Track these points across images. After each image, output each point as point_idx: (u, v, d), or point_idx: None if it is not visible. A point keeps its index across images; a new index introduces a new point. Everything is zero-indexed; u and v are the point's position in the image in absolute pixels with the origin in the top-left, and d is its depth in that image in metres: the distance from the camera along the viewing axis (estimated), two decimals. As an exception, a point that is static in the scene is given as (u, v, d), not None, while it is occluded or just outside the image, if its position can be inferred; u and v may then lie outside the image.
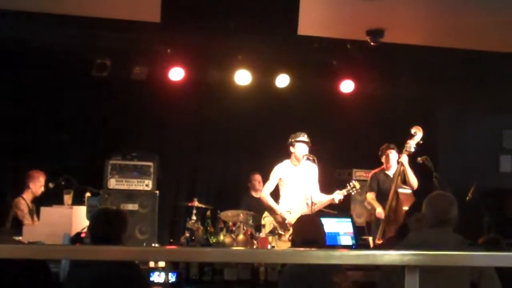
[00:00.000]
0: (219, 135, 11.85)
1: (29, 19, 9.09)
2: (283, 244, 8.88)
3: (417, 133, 9.27)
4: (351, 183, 9.30)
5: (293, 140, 9.35)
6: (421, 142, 9.26)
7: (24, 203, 9.17)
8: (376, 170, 9.84)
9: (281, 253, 3.26)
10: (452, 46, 9.95)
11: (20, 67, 10.23)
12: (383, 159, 9.74)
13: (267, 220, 9.38)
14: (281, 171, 9.41)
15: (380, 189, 9.65)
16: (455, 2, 8.36)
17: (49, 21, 9.15)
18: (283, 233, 9.03)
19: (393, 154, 9.60)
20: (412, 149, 9.23)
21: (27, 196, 9.28)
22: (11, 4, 8.78)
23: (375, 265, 5.13)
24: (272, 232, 9.00)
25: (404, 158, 9.33)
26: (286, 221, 9.11)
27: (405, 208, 8.95)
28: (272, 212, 9.39)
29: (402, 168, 9.32)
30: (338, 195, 9.22)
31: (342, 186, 9.41)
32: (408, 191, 9.30)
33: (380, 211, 9.31)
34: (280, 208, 9.29)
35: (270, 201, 9.39)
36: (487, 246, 6.02)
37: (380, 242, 9.00)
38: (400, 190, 9.22)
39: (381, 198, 9.51)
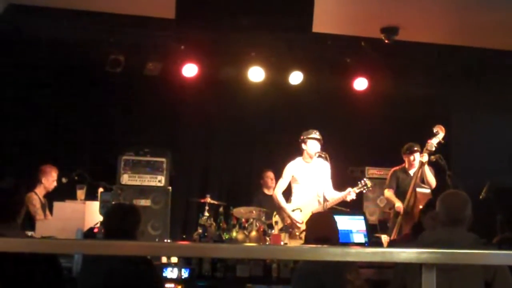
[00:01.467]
0: (232, 132, 11.87)
1: (43, 14, 9.11)
2: (293, 241, 8.87)
3: (439, 132, 9.22)
4: (362, 181, 9.26)
5: (305, 137, 9.34)
6: (443, 141, 9.22)
7: (36, 198, 9.20)
8: (396, 168, 9.79)
9: (297, 249, 3.26)
10: (467, 44, 9.92)
11: (34, 62, 10.25)
12: (406, 158, 9.67)
13: (278, 218, 9.38)
14: (293, 169, 9.41)
15: (399, 187, 9.61)
16: (469, 0, 8.33)
17: (63, 16, 9.17)
18: (292, 230, 9.03)
19: (417, 155, 9.54)
20: (434, 148, 9.19)
21: (40, 191, 9.31)
22: (26, 0, 8.80)
23: (389, 263, 5.11)
24: (284, 229, 8.99)
25: (425, 158, 9.28)
26: (298, 224, 9.11)
27: (422, 207, 8.93)
28: (281, 211, 9.38)
29: (422, 167, 9.28)
30: (349, 195, 9.20)
31: (354, 184, 9.37)
32: (427, 190, 9.25)
33: (399, 205, 9.27)
34: (290, 208, 9.29)
35: (281, 201, 9.38)
36: (502, 245, 5.99)
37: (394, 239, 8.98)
38: (418, 189, 9.18)
39: (399, 196, 9.47)
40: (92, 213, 8.41)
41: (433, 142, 9.19)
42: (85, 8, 9.05)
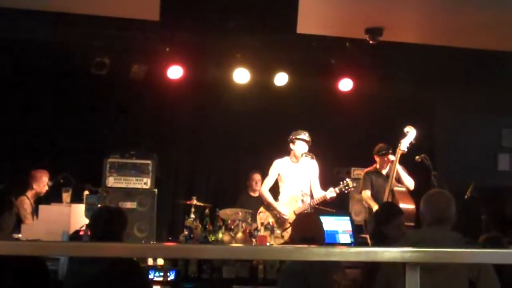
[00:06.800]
0: (217, 134, 11.86)
1: (27, 17, 9.08)
2: (276, 240, 8.87)
3: (410, 132, 9.25)
4: (344, 181, 9.26)
5: (294, 137, 9.37)
6: (414, 141, 9.24)
7: (28, 202, 9.20)
8: (369, 169, 9.80)
9: (281, 250, 3.28)
10: (451, 44, 9.95)
11: (19, 65, 10.23)
12: (378, 159, 9.69)
13: (262, 216, 9.40)
14: (280, 167, 9.45)
15: (373, 187, 9.62)
16: (454, 1, 8.36)
17: (47, 19, 9.15)
18: (276, 228, 9.03)
19: (391, 156, 9.56)
20: (405, 149, 9.22)
21: (31, 195, 9.30)
22: (9, 2, 8.77)
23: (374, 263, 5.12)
24: (266, 227, 8.99)
25: (392, 158, 9.33)
26: (285, 217, 9.15)
27: (401, 205, 8.96)
28: (269, 208, 9.41)
29: (395, 167, 9.29)
30: (330, 193, 9.20)
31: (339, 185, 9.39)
32: (403, 189, 9.30)
33: (377, 209, 9.30)
34: (278, 204, 9.33)
35: (269, 197, 9.43)
36: (488, 244, 6.02)
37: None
38: (395, 188, 9.21)
39: (375, 196, 9.49)
40: (77, 216, 8.40)
41: (404, 143, 9.22)
42: (69, 11, 9.02)
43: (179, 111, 11.47)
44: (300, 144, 9.34)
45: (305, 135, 9.34)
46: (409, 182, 9.39)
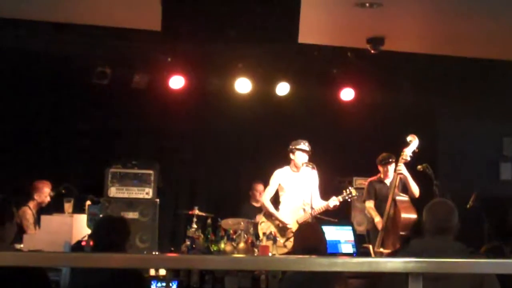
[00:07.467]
0: (219, 143, 11.83)
1: (29, 28, 9.10)
2: (278, 250, 8.87)
3: (413, 141, 9.23)
4: (347, 190, 9.27)
5: (293, 147, 9.37)
6: (417, 150, 9.21)
7: (30, 213, 9.18)
8: (373, 178, 9.78)
9: (283, 260, 3.25)
10: (452, 54, 9.96)
11: (21, 75, 10.24)
12: (381, 169, 9.68)
13: (264, 226, 9.39)
14: (280, 177, 9.44)
15: (377, 197, 9.60)
16: (455, 10, 8.36)
17: (49, 29, 9.16)
18: (278, 238, 9.02)
19: (392, 166, 9.54)
20: (408, 158, 9.19)
21: (33, 205, 9.28)
22: (12, 13, 8.78)
23: (377, 273, 5.10)
24: (268, 237, 8.98)
25: (402, 167, 9.27)
26: (287, 226, 9.15)
27: (404, 215, 8.91)
28: (270, 217, 9.41)
29: (400, 176, 9.25)
30: (333, 201, 9.20)
31: (341, 194, 9.38)
32: (406, 198, 9.25)
33: (378, 220, 9.27)
34: (279, 214, 9.32)
35: (270, 207, 9.42)
36: (491, 254, 6.00)
37: (379, 250, 8.97)
38: (397, 198, 9.17)
39: (378, 206, 9.48)
40: (79, 226, 8.38)
41: (407, 152, 9.19)
42: (71, 21, 9.04)
43: (181, 121, 11.44)
44: (299, 154, 9.33)
45: (304, 145, 9.33)
46: (415, 190, 9.35)
